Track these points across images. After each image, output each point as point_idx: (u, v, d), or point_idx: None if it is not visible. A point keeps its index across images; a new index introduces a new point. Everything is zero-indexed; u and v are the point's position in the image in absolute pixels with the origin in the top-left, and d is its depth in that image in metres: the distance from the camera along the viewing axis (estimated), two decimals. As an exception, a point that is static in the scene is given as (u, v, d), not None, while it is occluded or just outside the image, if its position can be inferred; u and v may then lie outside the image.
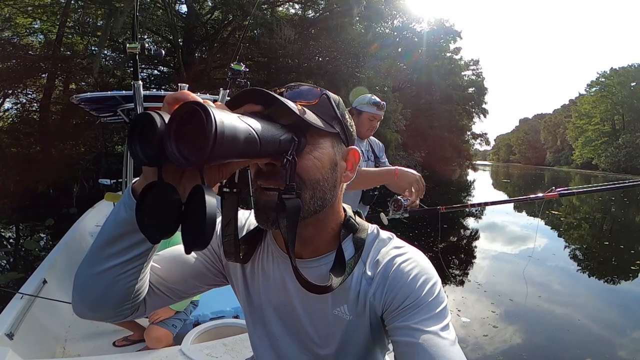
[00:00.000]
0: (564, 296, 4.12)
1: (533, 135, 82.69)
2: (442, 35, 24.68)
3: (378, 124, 1.94)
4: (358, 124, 1.93)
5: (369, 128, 1.91)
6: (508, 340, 2.96)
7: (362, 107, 1.90)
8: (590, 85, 46.34)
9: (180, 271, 0.61)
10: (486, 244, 6.56)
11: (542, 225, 8.16)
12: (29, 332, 1.71)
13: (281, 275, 0.60)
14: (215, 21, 13.25)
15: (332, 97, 0.54)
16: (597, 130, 43.53)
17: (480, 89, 30.77)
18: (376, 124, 1.92)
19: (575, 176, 36.50)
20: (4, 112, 11.01)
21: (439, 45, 24.66)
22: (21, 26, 10.75)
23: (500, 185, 23.96)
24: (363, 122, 1.90)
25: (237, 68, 1.76)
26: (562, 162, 60.42)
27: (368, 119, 1.89)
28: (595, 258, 6.07)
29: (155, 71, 13.75)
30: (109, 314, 0.53)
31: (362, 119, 1.89)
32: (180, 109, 0.36)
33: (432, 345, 0.48)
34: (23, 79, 9.87)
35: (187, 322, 1.86)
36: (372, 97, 1.92)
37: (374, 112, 1.89)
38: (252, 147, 0.39)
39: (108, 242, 0.47)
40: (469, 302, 3.75)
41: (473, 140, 36.75)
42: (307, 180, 0.50)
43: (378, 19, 15.95)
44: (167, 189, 0.38)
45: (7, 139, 10.12)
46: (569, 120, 52.03)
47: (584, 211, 11.55)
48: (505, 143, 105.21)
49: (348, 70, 12.82)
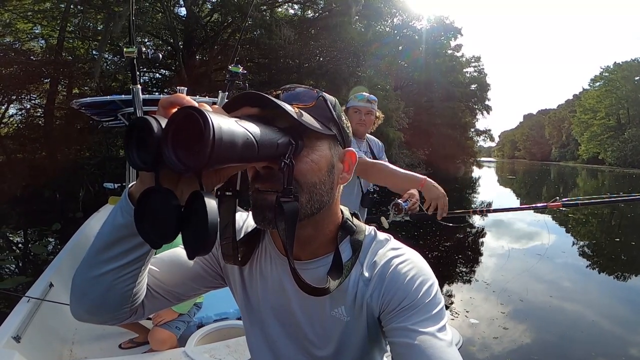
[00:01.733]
0: (576, 295, 4.00)
1: (538, 131, 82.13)
2: (443, 33, 24.64)
3: (370, 118, 1.90)
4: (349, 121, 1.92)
5: (357, 122, 1.88)
6: (518, 342, 2.87)
7: (348, 104, 1.92)
8: (594, 80, 46.17)
9: (178, 274, 0.61)
10: (494, 241, 6.48)
11: (551, 222, 8.06)
12: (36, 335, 1.73)
13: (279, 277, 0.60)
14: (215, 23, 13.30)
15: (329, 99, 0.54)
16: (602, 124, 43.19)
17: (482, 86, 30.63)
18: (364, 117, 1.88)
19: (581, 171, 36.15)
20: (9, 118, 11.13)
21: (440, 43, 24.61)
22: (22, 31, 10.80)
23: (506, 182, 23.75)
24: (351, 117, 1.89)
25: (235, 70, 1.76)
26: (568, 157, 59.89)
27: (353, 111, 1.88)
28: (605, 255, 5.99)
29: (157, 74, 13.84)
30: (107, 316, 0.53)
31: (349, 114, 1.89)
32: (177, 113, 0.35)
33: (429, 346, 0.48)
34: (26, 85, 9.98)
35: (190, 324, 1.87)
36: (358, 92, 1.92)
37: (355, 104, 1.88)
38: (250, 151, 0.39)
39: (105, 246, 0.47)
40: (476, 302, 3.66)
41: (477, 137, 36.47)
42: (304, 183, 0.50)
43: (377, 17, 15.95)
44: (166, 194, 0.37)
45: (13, 144, 10.25)
46: (573, 115, 51.59)
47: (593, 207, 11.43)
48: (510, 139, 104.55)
49: (349, 70, 12.83)
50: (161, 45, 13.26)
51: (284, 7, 15.01)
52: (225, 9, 11.80)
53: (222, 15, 12.81)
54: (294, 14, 15.37)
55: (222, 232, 0.53)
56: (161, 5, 11.35)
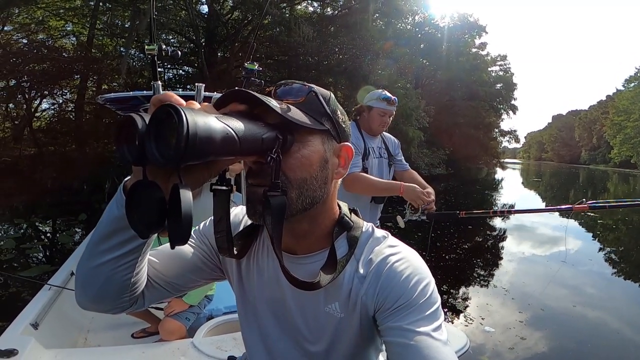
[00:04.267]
0: (602, 306, 3.73)
1: (567, 133, 79.06)
2: (467, 31, 24.00)
3: (390, 119, 1.91)
4: (369, 120, 1.90)
5: (380, 124, 1.88)
6: (537, 354, 2.70)
7: (372, 103, 1.88)
8: (628, 80, 43.89)
9: (178, 265, 0.62)
10: (514, 246, 6.22)
11: (577, 227, 7.71)
12: (54, 322, 1.80)
13: (275, 271, 0.61)
14: (236, 21, 13.45)
15: (322, 94, 0.54)
16: (636, 127, 40.85)
17: (508, 85, 29.59)
18: (387, 119, 1.89)
19: (612, 175, 34.36)
20: (42, 112, 11.69)
21: (463, 41, 23.97)
22: (54, 29, 11.28)
23: (531, 185, 22.89)
24: (374, 118, 1.88)
25: (251, 67, 1.77)
26: (599, 161, 57.23)
27: (378, 114, 1.87)
28: (634, 262, 5.67)
29: (181, 71, 14.20)
30: (108, 305, 0.55)
31: (373, 114, 1.87)
32: (157, 111, 0.37)
33: (425, 346, 0.49)
34: (58, 80, 10.40)
35: (200, 315, 1.89)
36: (382, 93, 1.89)
37: (384, 107, 1.86)
38: (230, 145, 0.40)
39: (103, 237, 0.49)
40: (493, 308, 3.50)
41: (501, 138, 35.32)
42: (292, 178, 0.51)
43: (398, 15, 15.69)
44: (151, 187, 0.40)
45: (45, 137, 10.75)
46: (605, 117, 49.20)
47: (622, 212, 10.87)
48: (537, 140, 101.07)
49: (368, 67, 12.68)
50: (184, 42, 13.58)
51: (303, 5, 15.03)
52: (245, 7, 11.92)
53: (242, 13, 12.96)
54: (313, 11, 15.37)
55: (216, 225, 0.54)
56: (184, 3, 11.59)
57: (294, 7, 13.97)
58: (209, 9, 12.83)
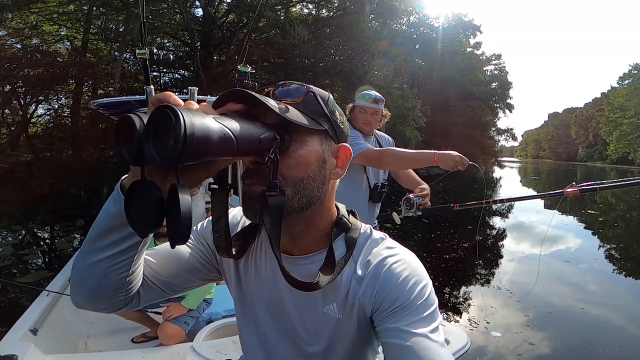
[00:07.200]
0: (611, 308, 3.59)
1: (563, 130, 79.46)
2: (461, 30, 24.12)
3: (377, 118, 1.89)
4: (353, 118, 1.91)
5: (363, 122, 1.86)
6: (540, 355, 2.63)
7: (356, 102, 1.90)
8: (622, 77, 44.16)
9: (174, 265, 0.62)
10: (518, 246, 6.11)
11: (580, 225, 7.70)
12: (53, 328, 1.79)
13: (273, 271, 0.61)
14: (231, 24, 13.43)
15: (320, 94, 0.54)
16: (632, 123, 41.20)
17: (503, 84, 29.74)
18: (370, 117, 1.86)
19: (610, 172, 34.50)
20: (37, 118, 11.62)
21: (458, 41, 24.08)
22: (48, 33, 11.18)
23: (529, 182, 22.97)
24: (357, 116, 1.88)
25: (244, 70, 1.78)
26: (596, 158, 57.53)
27: (359, 112, 1.87)
28: (634, 258, 5.63)
29: (177, 75, 14.15)
30: (103, 304, 0.54)
31: (355, 112, 1.88)
32: (155, 112, 0.38)
33: (422, 348, 0.49)
34: (53, 86, 10.33)
35: (199, 319, 1.89)
36: (365, 91, 1.90)
37: (362, 104, 1.86)
38: (228, 146, 0.41)
39: (99, 235, 0.49)
40: (498, 312, 3.39)
41: (498, 137, 35.39)
42: (290, 178, 0.51)
43: (392, 15, 15.74)
44: (150, 186, 0.40)
45: (41, 143, 10.68)
46: (601, 114, 49.51)
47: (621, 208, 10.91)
48: (534, 139, 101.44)
49: (364, 68, 12.71)
50: (180, 45, 13.54)
51: (298, 7, 15.04)
52: (240, 9, 11.92)
53: (237, 16, 12.95)
54: (308, 13, 15.38)
55: (214, 225, 0.54)
56: (179, 7, 11.58)
57: (289, 10, 13.98)
58: (203, 12, 12.81)
